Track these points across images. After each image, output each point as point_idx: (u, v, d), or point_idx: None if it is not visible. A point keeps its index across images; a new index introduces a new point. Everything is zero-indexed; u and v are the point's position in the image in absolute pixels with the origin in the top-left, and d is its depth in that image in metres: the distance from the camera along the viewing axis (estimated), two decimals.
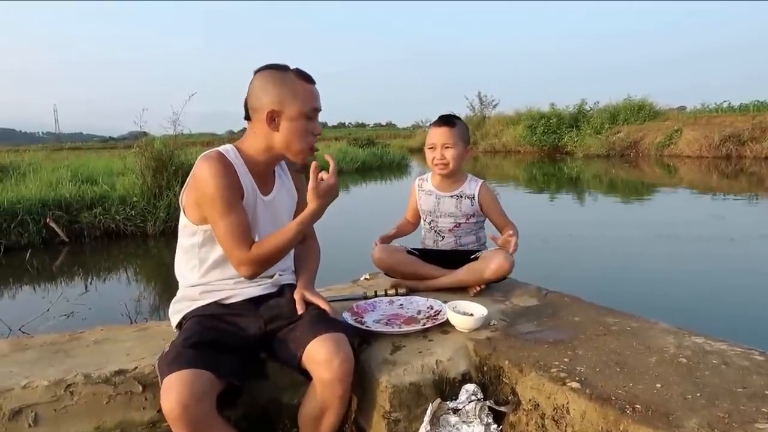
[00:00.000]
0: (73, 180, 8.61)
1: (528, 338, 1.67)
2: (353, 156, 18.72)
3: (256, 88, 1.61)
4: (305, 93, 1.61)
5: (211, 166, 1.54)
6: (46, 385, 1.47)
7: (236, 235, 1.55)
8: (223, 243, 1.57)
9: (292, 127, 1.60)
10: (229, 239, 1.55)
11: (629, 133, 21.32)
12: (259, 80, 1.61)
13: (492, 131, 28.61)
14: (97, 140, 72.51)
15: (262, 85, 1.60)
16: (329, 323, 1.56)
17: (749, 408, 1.18)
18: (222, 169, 1.55)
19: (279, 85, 1.58)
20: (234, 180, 1.58)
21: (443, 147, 2.24)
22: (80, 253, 6.87)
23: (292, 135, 1.61)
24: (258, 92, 1.60)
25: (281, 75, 1.60)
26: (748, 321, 3.61)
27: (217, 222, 1.55)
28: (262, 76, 1.61)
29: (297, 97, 1.59)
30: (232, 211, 1.55)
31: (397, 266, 2.25)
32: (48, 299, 4.38)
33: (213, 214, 1.55)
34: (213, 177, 1.53)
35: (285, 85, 1.59)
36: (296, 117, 1.60)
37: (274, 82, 1.59)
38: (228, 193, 1.54)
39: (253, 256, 1.57)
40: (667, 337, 1.62)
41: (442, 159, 2.24)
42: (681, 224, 7.26)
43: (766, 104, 20.26)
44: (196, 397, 1.29)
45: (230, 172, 1.57)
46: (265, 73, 1.61)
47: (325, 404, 1.48)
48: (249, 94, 1.63)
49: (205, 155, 1.59)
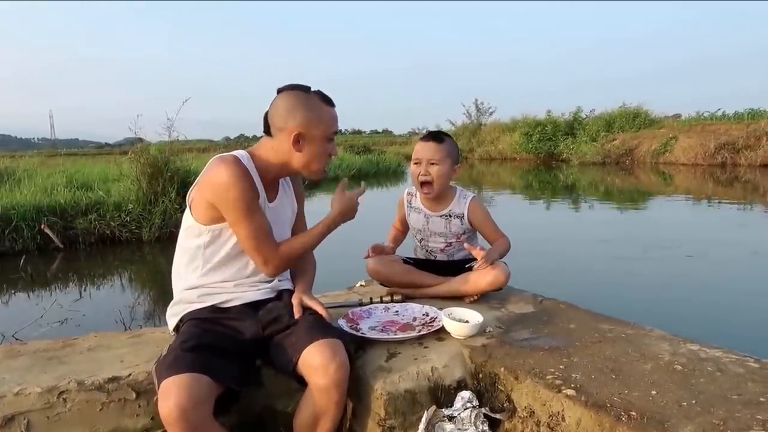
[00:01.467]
0: (68, 186, 8.58)
1: (523, 345, 1.67)
2: (349, 163, 18.71)
3: (282, 108, 1.63)
4: (329, 117, 1.67)
5: (230, 169, 1.55)
6: (39, 392, 1.46)
7: (262, 235, 1.62)
8: (248, 243, 1.61)
9: (314, 150, 1.66)
10: (255, 239, 1.61)
11: (624, 140, 21.39)
12: (285, 100, 1.64)
13: (488, 138, 28.67)
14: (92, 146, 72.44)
15: (288, 106, 1.62)
16: (326, 329, 1.56)
17: (744, 415, 1.18)
18: (241, 173, 1.57)
19: (305, 109, 1.62)
20: (252, 183, 1.61)
21: (429, 163, 2.17)
22: (75, 259, 6.83)
23: (313, 157, 1.67)
24: (283, 112, 1.62)
25: (306, 97, 1.64)
26: (743, 328, 3.62)
27: (241, 224, 1.58)
28: (288, 97, 1.64)
29: (322, 121, 1.65)
30: (256, 212, 1.60)
31: (393, 277, 2.23)
32: (42, 306, 4.36)
33: (236, 215, 1.57)
34: (234, 181, 1.55)
35: (312, 109, 1.63)
36: (320, 140, 1.66)
37: (301, 105, 1.62)
38: (250, 196, 1.58)
39: (283, 255, 1.66)
40: (663, 344, 1.62)
41: (426, 175, 2.17)
42: (676, 231, 7.28)
43: (760, 112, 20.38)
44: (195, 402, 1.28)
45: (248, 176, 1.60)
46: (291, 93, 1.64)
47: (320, 410, 1.47)
48: (273, 113, 1.65)
49: (222, 158, 1.59)
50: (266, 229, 1.63)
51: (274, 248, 1.65)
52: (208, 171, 1.60)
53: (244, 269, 1.69)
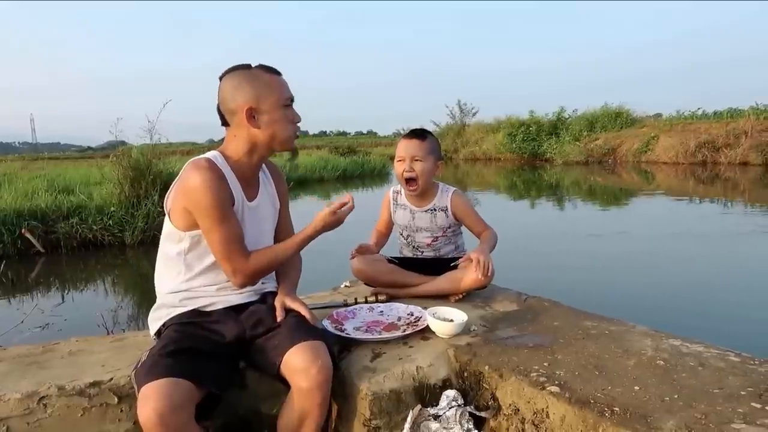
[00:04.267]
0: (50, 190, 8.48)
1: (508, 343, 1.68)
2: (334, 164, 18.70)
3: (228, 91, 1.60)
4: (277, 84, 1.62)
5: (203, 175, 1.53)
6: (18, 397, 1.44)
7: (232, 244, 1.56)
8: (218, 252, 1.57)
9: (273, 120, 1.61)
10: (225, 248, 1.56)
11: (607, 140, 21.61)
12: (229, 82, 1.60)
13: (472, 139, 28.80)
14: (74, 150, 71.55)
15: (233, 87, 1.59)
16: (308, 331, 1.55)
17: (725, 408, 1.20)
18: (214, 178, 1.54)
19: (250, 83, 1.59)
20: (226, 188, 1.57)
21: (412, 160, 2.18)
22: (56, 263, 6.75)
23: (274, 127, 1.62)
24: (230, 94, 1.60)
25: (249, 73, 1.61)
26: (723, 322, 3.67)
27: (212, 231, 1.55)
28: (231, 78, 1.61)
29: (271, 89, 1.60)
30: (227, 220, 1.55)
31: (377, 276, 2.22)
32: (23, 311, 4.30)
33: (207, 223, 1.54)
34: (206, 187, 1.52)
35: (256, 81, 1.59)
36: (275, 109, 1.61)
37: (245, 81, 1.59)
38: (222, 203, 1.54)
39: (251, 267, 1.60)
40: (645, 340, 1.63)
41: (410, 171, 2.19)
42: (657, 228, 7.36)
43: (739, 111, 20.67)
44: (174, 407, 1.27)
45: (222, 180, 1.57)
46: (233, 74, 1.61)
47: (303, 413, 1.46)
48: (221, 99, 1.62)
49: (195, 163, 1.57)
50: (238, 238, 1.59)
51: (245, 258, 1.59)
52: (182, 176, 1.57)
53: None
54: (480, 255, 2.02)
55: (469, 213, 2.28)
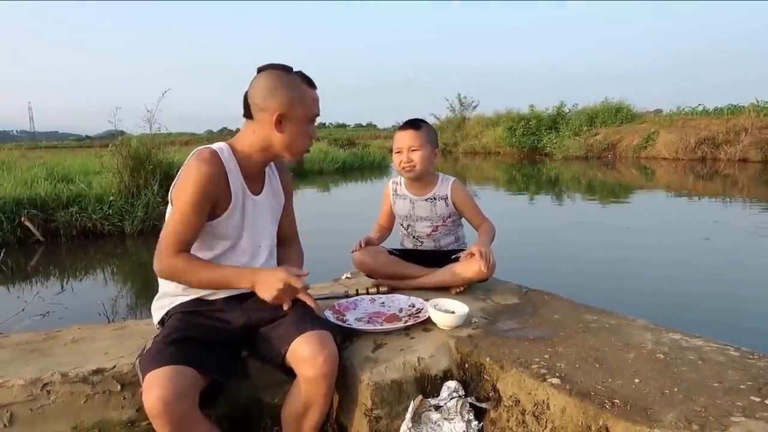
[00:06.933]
0: (49, 179, 8.47)
1: (509, 335, 1.68)
2: (334, 156, 18.67)
3: (263, 88, 1.57)
4: (311, 99, 1.63)
5: (201, 168, 1.52)
6: (21, 384, 1.45)
7: (177, 236, 1.53)
8: (163, 233, 1.55)
9: (296, 131, 1.61)
10: (170, 236, 1.53)
11: (607, 135, 21.58)
12: (266, 80, 1.57)
13: (472, 133, 28.75)
14: (73, 139, 71.36)
15: (269, 86, 1.56)
16: (314, 321, 1.55)
17: (725, 402, 1.21)
18: (209, 174, 1.52)
19: (287, 89, 1.57)
20: (215, 189, 1.55)
21: (410, 150, 2.21)
22: (56, 252, 6.75)
23: (295, 138, 1.62)
24: (264, 92, 1.56)
25: (289, 78, 1.58)
26: (723, 317, 3.68)
27: (174, 215, 1.54)
28: (269, 77, 1.57)
29: (305, 102, 1.60)
30: (192, 214, 1.52)
31: (379, 268, 2.23)
32: (23, 299, 4.29)
33: (176, 207, 1.53)
34: (197, 180, 1.51)
35: (293, 89, 1.57)
36: (302, 122, 1.61)
37: (282, 85, 1.56)
38: (200, 200, 1.52)
39: (172, 265, 1.53)
40: (645, 334, 1.64)
41: (409, 162, 2.21)
42: (657, 223, 7.37)
43: (739, 108, 20.63)
44: (178, 394, 1.28)
45: (217, 177, 1.55)
46: (272, 73, 1.58)
47: (308, 401, 1.48)
48: (253, 93, 1.59)
49: (199, 153, 1.56)
50: (188, 236, 1.54)
51: (174, 254, 1.52)
52: (185, 164, 1.57)
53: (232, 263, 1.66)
54: (481, 247, 2.03)
55: (468, 203, 2.30)
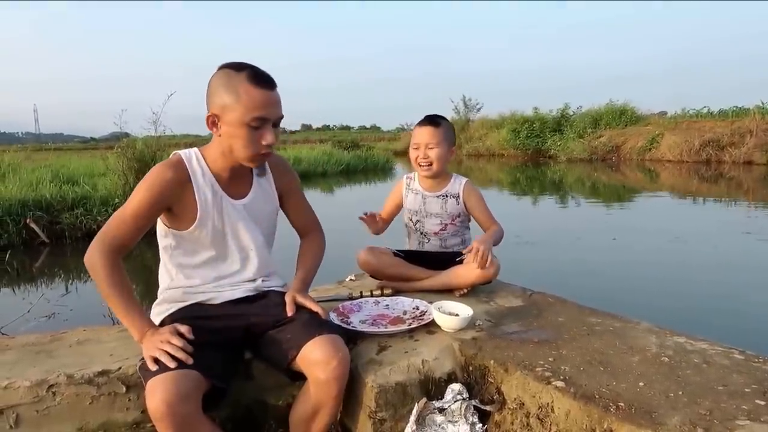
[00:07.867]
0: (54, 180, 8.52)
1: (513, 338, 1.68)
2: (338, 158, 18.70)
3: (208, 90, 1.52)
4: (250, 100, 1.46)
5: (159, 173, 1.52)
6: (27, 385, 1.45)
7: (118, 232, 1.52)
8: (107, 224, 1.54)
9: (231, 134, 1.51)
10: (113, 228, 1.52)
11: (611, 137, 21.52)
12: (213, 80, 1.51)
13: (476, 135, 28.71)
14: (77, 141, 71.60)
15: (210, 87, 1.51)
16: (323, 325, 1.55)
17: (730, 406, 1.21)
18: (165, 180, 1.52)
19: (225, 89, 1.47)
20: (170, 195, 1.54)
21: (427, 147, 2.24)
22: (61, 254, 6.78)
23: (231, 141, 1.52)
24: (208, 94, 1.52)
25: (230, 77, 1.48)
26: (728, 320, 3.67)
27: (119, 211, 1.54)
28: (215, 77, 1.51)
29: (239, 103, 1.46)
30: (131, 218, 1.52)
31: (383, 269, 2.24)
32: (28, 300, 4.31)
33: (131, 200, 1.52)
34: (150, 184, 1.51)
35: (231, 90, 1.46)
36: (237, 125, 1.48)
37: (222, 86, 1.48)
38: (146, 204, 1.51)
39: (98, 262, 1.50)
40: (650, 337, 1.64)
41: (426, 158, 2.24)
42: (662, 226, 7.35)
43: (744, 110, 20.57)
44: (182, 397, 1.28)
45: (174, 185, 1.53)
46: (219, 72, 1.51)
47: (319, 404, 1.48)
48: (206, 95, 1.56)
49: (167, 161, 1.57)
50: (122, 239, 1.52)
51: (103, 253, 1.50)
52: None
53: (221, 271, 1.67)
54: (480, 244, 2.02)
55: (480, 204, 2.31)
